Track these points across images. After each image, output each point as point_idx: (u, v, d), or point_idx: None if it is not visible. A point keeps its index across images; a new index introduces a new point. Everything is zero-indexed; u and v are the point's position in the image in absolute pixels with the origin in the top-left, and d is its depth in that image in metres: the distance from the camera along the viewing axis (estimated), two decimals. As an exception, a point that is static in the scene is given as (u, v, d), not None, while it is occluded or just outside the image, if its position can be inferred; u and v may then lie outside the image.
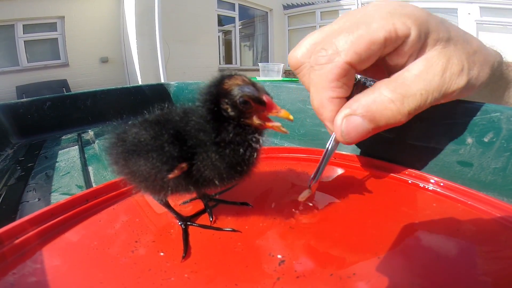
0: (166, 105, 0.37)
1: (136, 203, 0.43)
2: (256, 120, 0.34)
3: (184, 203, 0.43)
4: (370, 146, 0.57)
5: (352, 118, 0.37)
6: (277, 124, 0.34)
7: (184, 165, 0.32)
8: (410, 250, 0.33)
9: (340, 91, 0.38)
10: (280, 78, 3.85)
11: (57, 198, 0.53)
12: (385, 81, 0.38)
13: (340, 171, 0.53)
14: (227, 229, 0.36)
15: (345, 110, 0.37)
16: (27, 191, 0.57)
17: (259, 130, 0.35)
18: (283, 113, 0.34)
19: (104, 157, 0.36)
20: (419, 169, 0.48)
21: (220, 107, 0.33)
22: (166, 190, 0.34)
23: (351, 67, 0.37)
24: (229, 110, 0.33)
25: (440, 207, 0.41)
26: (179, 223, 0.37)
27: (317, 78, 0.38)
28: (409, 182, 0.47)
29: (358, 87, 0.42)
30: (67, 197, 0.41)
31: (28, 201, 0.53)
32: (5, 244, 0.33)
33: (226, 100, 0.32)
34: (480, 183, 0.44)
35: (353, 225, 0.37)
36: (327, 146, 0.43)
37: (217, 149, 0.33)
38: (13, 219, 0.45)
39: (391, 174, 0.49)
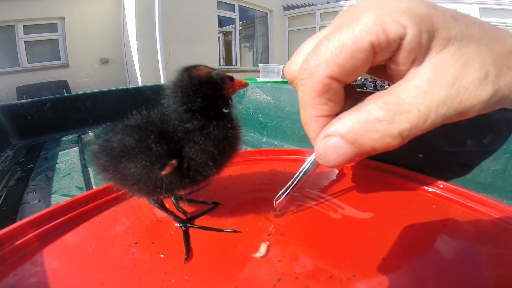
0: (144, 110, 0.37)
1: (136, 205, 0.43)
2: (231, 91, 0.38)
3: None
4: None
5: (331, 139, 0.31)
6: (243, 81, 0.41)
7: (174, 161, 0.32)
8: (409, 252, 0.33)
9: (324, 108, 0.32)
10: (280, 79, 3.84)
11: (57, 200, 0.53)
12: (375, 95, 0.29)
13: (338, 172, 0.53)
14: (227, 230, 0.36)
15: (325, 130, 0.32)
16: (27, 193, 0.57)
17: (228, 101, 0.38)
18: (244, 81, 0.40)
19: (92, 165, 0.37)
20: (418, 171, 0.48)
21: (198, 94, 0.35)
22: (160, 189, 0.35)
23: (334, 80, 0.30)
24: (210, 92, 0.35)
25: (440, 208, 0.41)
26: (179, 225, 0.37)
27: (301, 94, 0.33)
28: (409, 184, 0.47)
29: (352, 99, 0.36)
30: (67, 199, 0.41)
31: (28, 203, 0.53)
32: (5, 246, 0.33)
33: (206, 85, 0.35)
34: (479, 185, 0.44)
35: (353, 227, 0.37)
36: (304, 165, 0.40)
37: (202, 131, 0.35)
38: (14, 221, 0.46)
39: (390, 176, 0.50)
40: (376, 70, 0.36)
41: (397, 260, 0.31)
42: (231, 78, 0.38)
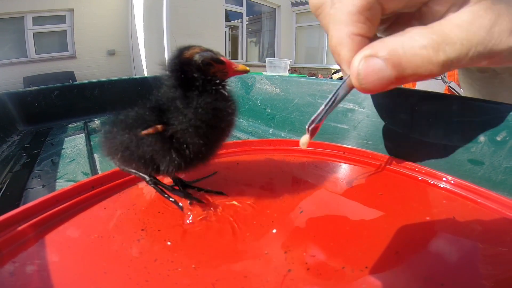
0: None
1: (142, 191, 0.42)
2: (221, 74, 0.38)
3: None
4: (380, 141, 0.57)
5: (373, 60, 0.31)
6: (239, 67, 0.39)
7: (160, 126, 0.34)
8: (422, 245, 0.32)
9: (362, 27, 0.34)
10: (287, 74, 3.84)
11: (62, 185, 0.53)
12: (419, 26, 0.32)
13: (350, 166, 0.53)
14: (214, 191, 0.40)
15: (366, 51, 0.32)
16: (32, 178, 0.57)
17: (222, 83, 0.38)
18: (241, 67, 0.39)
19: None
20: (429, 166, 0.47)
21: (187, 75, 0.36)
22: (147, 159, 0.36)
23: (377, 1, 0.33)
24: (195, 74, 0.36)
25: (450, 204, 0.40)
26: (147, 180, 0.39)
27: (337, 11, 0.34)
28: (419, 178, 0.46)
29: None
30: (73, 184, 0.40)
31: (32, 188, 0.53)
32: (6, 232, 0.32)
33: (191, 67, 0.36)
34: (490, 182, 0.44)
35: (363, 219, 0.37)
36: (336, 89, 0.37)
37: (192, 108, 0.35)
38: (17, 206, 0.45)
39: (401, 170, 0.49)
40: (402, 21, 0.38)
41: (409, 254, 0.30)
42: (220, 61, 0.37)
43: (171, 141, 0.35)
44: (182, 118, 0.35)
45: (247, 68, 0.39)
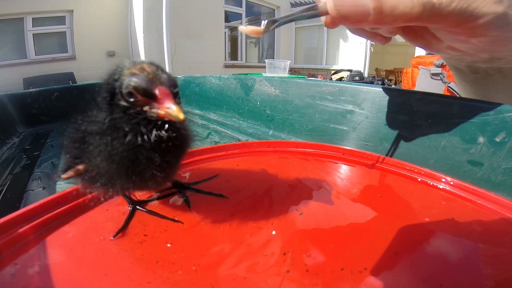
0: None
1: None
2: (148, 111, 0.28)
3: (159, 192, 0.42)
4: (380, 143, 0.57)
5: None
6: (171, 110, 0.27)
7: (81, 166, 0.30)
8: (421, 246, 0.32)
9: None
10: (286, 75, 3.84)
11: (63, 187, 0.53)
12: None
13: (349, 167, 0.53)
14: (214, 193, 0.36)
15: None
16: (32, 180, 0.57)
17: (158, 123, 0.29)
18: (174, 112, 0.26)
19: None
20: (428, 167, 0.47)
21: (105, 97, 0.29)
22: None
23: None
24: (120, 100, 0.28)
25: (449, 205, 0.40)
26: (129, 206, 0.38)
27: None
28: (419, 179, 0.46)
29: None
30: (73, 186, 0.40)
31: (33, 190, 0.53)
32: (7, 234, 0.32)
33: (115, 89, 0.28)
34: (489, 183, 0.44)
35: (362, 221, 0.37)
36: (307, 7, 0.35)
37: (106, 144, 0.29)
38: (17, 208, 0.45)
39: (400, 172, 0.49)
40: None
41: (409, 255, 0.30)
42: (148, 94, 0.27)
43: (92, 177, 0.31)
44: (99, 161, 0.29)
45: (182, 117, 0.26)
